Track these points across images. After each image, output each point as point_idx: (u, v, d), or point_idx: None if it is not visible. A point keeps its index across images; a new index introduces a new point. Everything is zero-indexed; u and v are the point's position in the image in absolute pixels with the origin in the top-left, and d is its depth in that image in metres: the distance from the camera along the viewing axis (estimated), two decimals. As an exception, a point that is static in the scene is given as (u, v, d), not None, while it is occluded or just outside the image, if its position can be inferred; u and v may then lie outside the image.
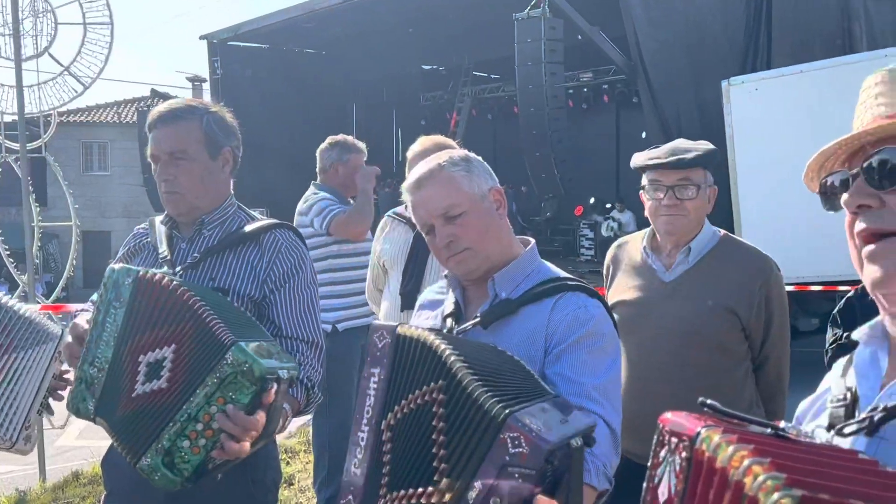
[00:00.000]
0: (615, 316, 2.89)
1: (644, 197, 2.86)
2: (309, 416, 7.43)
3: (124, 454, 2.13)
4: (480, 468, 1.59)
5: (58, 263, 25.85)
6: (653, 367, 2.78)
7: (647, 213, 2.85)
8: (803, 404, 1.35)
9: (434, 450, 1.70)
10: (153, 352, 2.12)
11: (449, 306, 2.15)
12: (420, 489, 1.69)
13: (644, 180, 2.85)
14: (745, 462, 0.93)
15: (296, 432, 7.10)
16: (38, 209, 6.92)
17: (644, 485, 1.13)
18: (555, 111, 11.56)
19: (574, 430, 1.65)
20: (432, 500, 1.66)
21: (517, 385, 1.73)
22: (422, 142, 3.53)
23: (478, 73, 19.53)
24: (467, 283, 2.14)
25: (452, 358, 1.73)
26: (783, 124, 8.75)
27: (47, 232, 6.77)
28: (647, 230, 2.95)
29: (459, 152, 2.13)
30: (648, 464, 1.13)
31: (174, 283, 2.16)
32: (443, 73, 19.85)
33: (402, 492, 1.74)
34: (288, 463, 5.88)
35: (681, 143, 2.85)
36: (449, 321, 2.11)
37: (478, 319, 2.01)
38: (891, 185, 1.11)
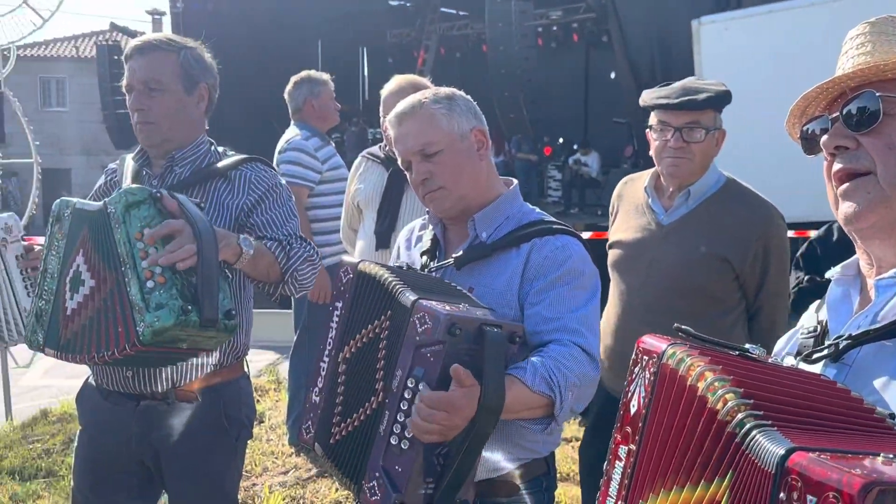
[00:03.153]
0: (612, 254, 2.89)
1: (651, 136, 2.78)
2: (278, 356, 7.48)
3: (116, 352, 2.07)
4: (400, 356, 1.72)
5: (17, 202, 25.36)
6: (638, 309, 2.76)
7: (651, 153, 2.78)
8: (780, 341, 1.42)
9: (377, 366, 1.81)
10: (71, 269, 2.17)
11: (426, 243, 2.16)
12: (366, 404, 1.81)
13: (652, 119, 2.76)
14: (698, 369, 1.05)
15: (264, 370, 7.14)
16: (-2, 146, 6.75)
17: (620, 401, 1.20)
18: (524, 50, 11.44)
19: (488, 318, 1.74)
20: (373, 407, 1.78)
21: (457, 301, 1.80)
22: (397, 80, 3.50)
23: (446, 10, 19.20)
24: (448, 222, 2.14)
25: (399, 289, 1.81)
26: (752, 65, 8.75)
27: (7, 170, 6.58)
28: (652, 170, 2.88)
29: (445, 90, 2.12)
30: (625, 381, 1.21)
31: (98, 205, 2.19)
32: (410, 8, 19.48)
33: (354, 415, 1.84)
34: (258, 401, 5.93)
35: (692, 82, 2.75)
36: (424, 258, 2.12)
37: (451, 261, 2.03)
38: (867, 128, 1.17)
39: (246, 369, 2.58)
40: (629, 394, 1.19)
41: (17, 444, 5.35)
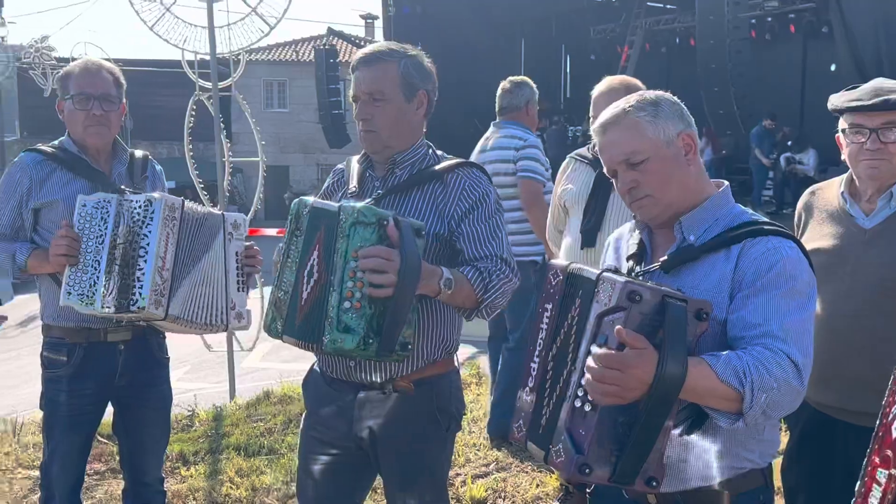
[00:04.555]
0: None
1: (842, 140, 2.73)
2: (476, 350, 7.64)
3: (302, 346, 2.35)
4: (587, 326, 1.79)
5: (241, 196, 27.44)
6: (847, 317, 2.66)
7: (845, 157, 2.72)
8: None
9: (571, 341, 1.86)
10: (308, 263, 2.34)
11: (632, 247, 2.15)
12: (561, 379, 1.86)
13: (842, 123, 2.71)
14: None
15: (465, 364, 7.31)
16: (229, 145, 7.35)
17: (877, 421, 1.15)
18: (736, 43, 10.96)
19: (673, 292, 1.76)
20: (564, 378, 1.83)
21: None
22: (608, 81, 3.50)
23: (652, 4, 18.78)
24: (655, 227, 2.12)
25: (590, 270, 1.86)
26: None
27: (234, 167, 7.26)
28: (843, 176, 2.82)
29: (650, 95, 2.08)
30: (883, 402, 1.17)
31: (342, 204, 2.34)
32: (615, 4, 19.20)
33: (555, 395, 1.88)
34: (460, 394, 6.09)
35: (883, 82, 2.69)
36: (630, 262, 2.11)
37: (658, 264, 2.01)
38: None
39: (456, 364, 2.68)
40: (890, 415, 1.14)
41: (242, 423, 5.78)
